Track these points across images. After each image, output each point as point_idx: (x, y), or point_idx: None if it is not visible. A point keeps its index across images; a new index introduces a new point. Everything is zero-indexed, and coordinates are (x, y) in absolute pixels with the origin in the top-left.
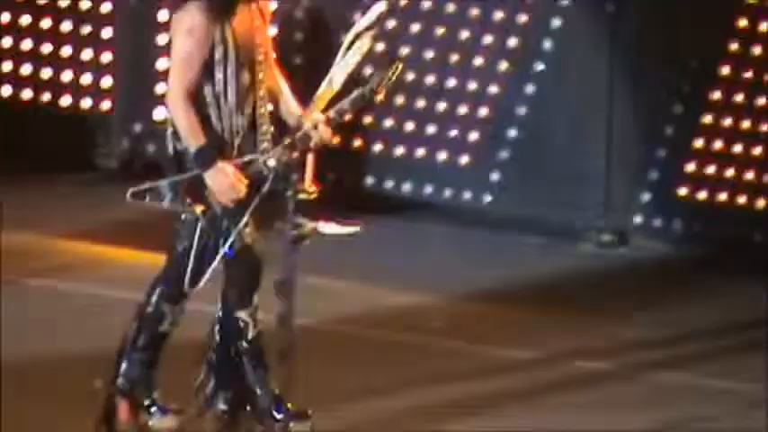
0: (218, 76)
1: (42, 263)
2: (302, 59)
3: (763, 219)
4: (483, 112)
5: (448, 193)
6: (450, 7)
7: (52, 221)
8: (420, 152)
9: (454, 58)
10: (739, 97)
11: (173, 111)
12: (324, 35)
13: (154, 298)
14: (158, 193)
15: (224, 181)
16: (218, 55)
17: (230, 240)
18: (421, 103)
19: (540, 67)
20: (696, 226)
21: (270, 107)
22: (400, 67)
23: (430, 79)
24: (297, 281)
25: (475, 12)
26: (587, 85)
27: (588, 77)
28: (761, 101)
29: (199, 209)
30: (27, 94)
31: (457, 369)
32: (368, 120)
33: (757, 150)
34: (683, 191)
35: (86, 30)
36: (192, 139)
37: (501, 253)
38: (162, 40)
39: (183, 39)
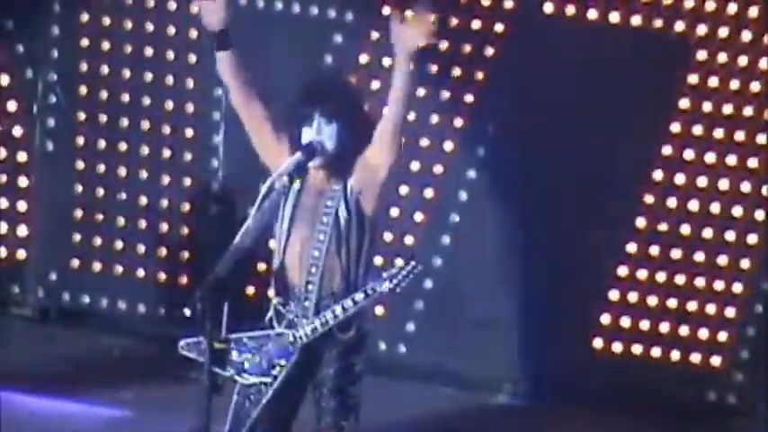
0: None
1: None
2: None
3: (677, 371)
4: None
5: None
6: None
7: None
8: None
9: None
10: (655, 250)
11: None
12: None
13: None
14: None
15: None
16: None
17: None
18: None
19: (455, 218)
20: (611, 378)
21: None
22: (419, 267)
23: None
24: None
25: None
26: (501, 236)
27: (502, 228)
28: (676, 254)
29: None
30: None
31: None
32: None
33: (672, 303)
34: (598, 343)
35: (2, 179)
36: None
37: (415, 403)
38: (78, 189)
39: None
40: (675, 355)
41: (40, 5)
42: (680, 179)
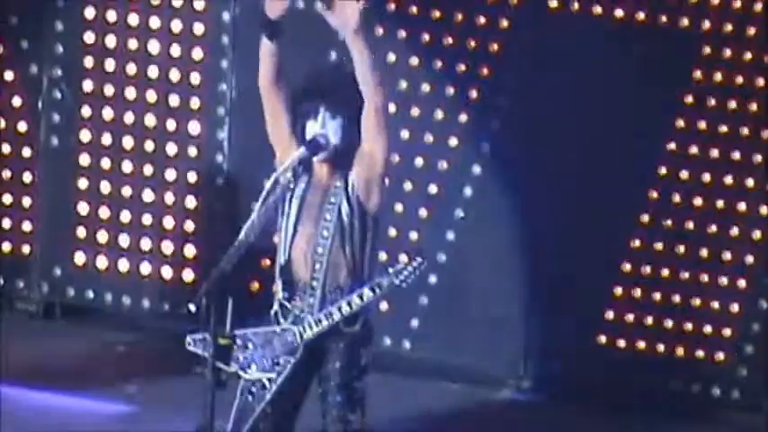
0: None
1: None
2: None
3: (681, 367)
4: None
5: None
6: None
7: None
8: None
9: None
10: (659, 245)
11: None
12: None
13: None
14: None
15: None
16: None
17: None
18: None
19: (459, 213)
20: (615, 374)
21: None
22: (425, 263)
23: None
24: (215, 427)
25: (395, 159)
26: (506, 232)
27: (506, 224)
28: (680, 248)
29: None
30: None
31: None
32: None
33: (677, 298)
34: (602, 338)
35: (6, 174)
36: None
37: (420, 399)
38: (83, 184)
39: None
40: (680, 350)
41: (44, 1)
42: (684, 174)
